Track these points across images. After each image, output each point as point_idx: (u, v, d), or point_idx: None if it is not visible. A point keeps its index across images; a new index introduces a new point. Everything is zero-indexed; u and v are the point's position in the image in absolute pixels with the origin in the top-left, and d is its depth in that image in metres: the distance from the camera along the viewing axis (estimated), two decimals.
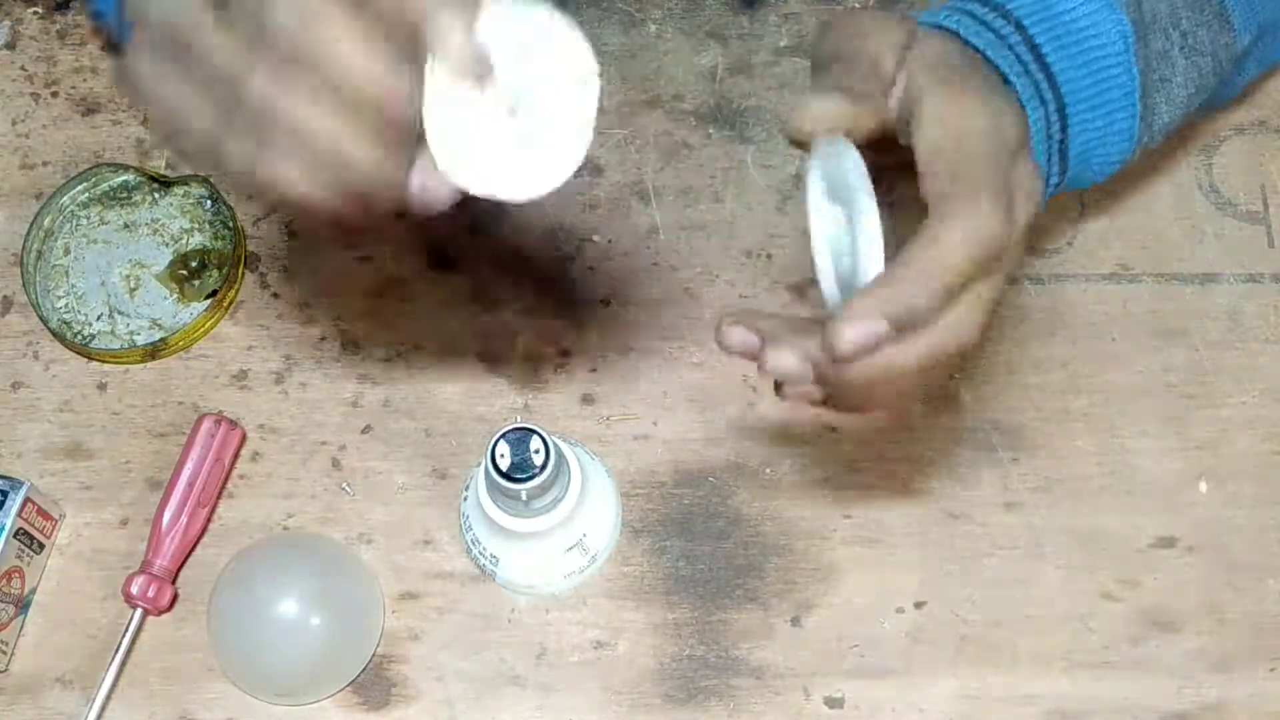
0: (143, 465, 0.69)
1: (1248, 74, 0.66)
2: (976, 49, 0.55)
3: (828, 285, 0.47)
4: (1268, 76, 0.75)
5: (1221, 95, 0.65)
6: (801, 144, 0.48)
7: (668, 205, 0.73)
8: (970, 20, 0.56)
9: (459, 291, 0.72)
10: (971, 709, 0.65)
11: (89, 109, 0.76)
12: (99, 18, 0.68)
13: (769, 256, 0.72)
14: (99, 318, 0.71)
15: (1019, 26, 0.56)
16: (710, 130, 0.75)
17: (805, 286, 0.69)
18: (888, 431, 0.69)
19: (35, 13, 0.77)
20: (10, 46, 0.77)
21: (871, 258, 0.46)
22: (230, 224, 0.72)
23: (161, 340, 0.70)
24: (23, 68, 0.77)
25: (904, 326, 0.45)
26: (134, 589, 0.65)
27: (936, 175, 0.46)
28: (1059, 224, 0.73)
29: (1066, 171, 0.58)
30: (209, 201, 0.73)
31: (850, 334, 0.45)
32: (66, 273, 0.72)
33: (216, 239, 0.72)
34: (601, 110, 0.42)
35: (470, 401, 0.70)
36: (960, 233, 0.45)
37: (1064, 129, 0.56)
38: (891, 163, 0.50)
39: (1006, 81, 0.54)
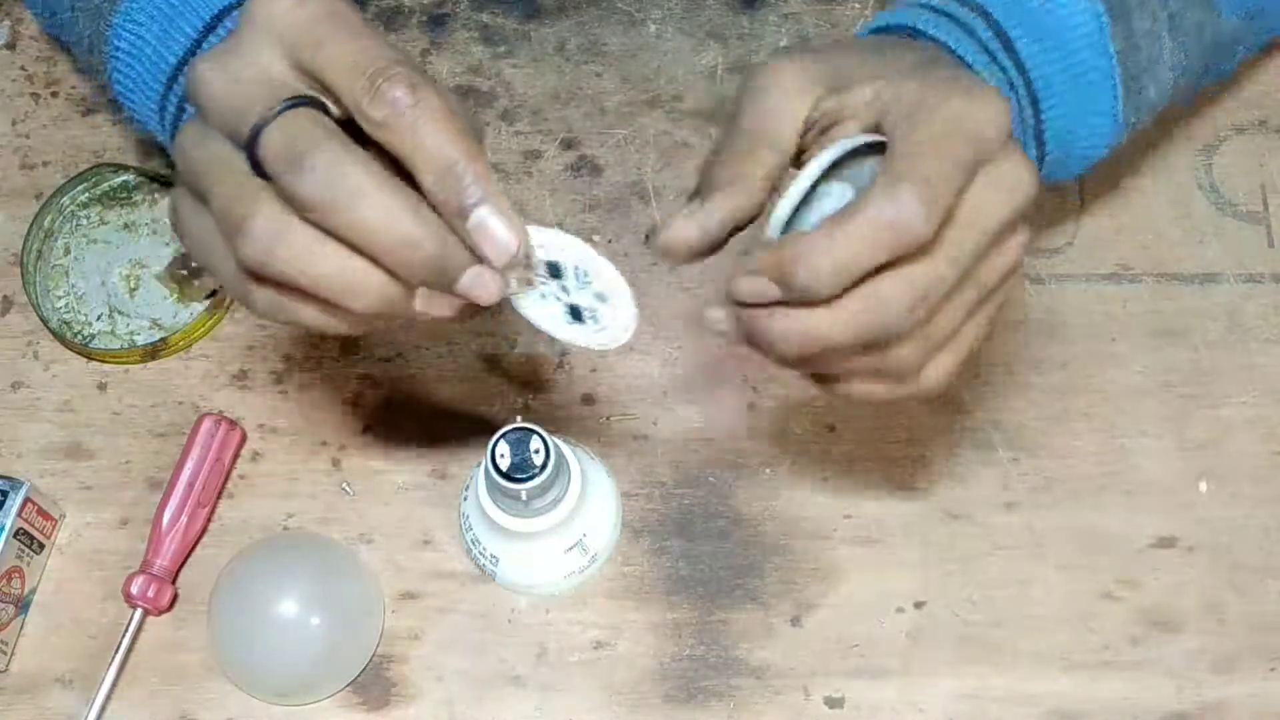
0: (143, 465, 0.69)
1: (1238, 57, 0.65)
2: (935, 40, 0.54)
3: (771, 225, 0.49)
4: (1267, 77, 0.75)
5: (1209, 79, 0.63)
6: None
7: (668, 205, 0.73)
8: (928, 13, 0.55)
9: None
10: (971, 709, 0.65)
11: (89, 109, 0.76)
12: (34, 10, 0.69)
13: None
14: (99, 318, 0.71)
15: (984, 15, 0.55)
16: (710, 130, 0.75)
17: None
18: (888, 431, 0.69)
19: None
20: (10, 46, 0.77)
21: (777, 217, 0.48)
22: None
23: (161, 340, 0.70)
24: (23, 68, 0.77)
25: (793, 294, 0.45)
26: (134, 589, 0.65)
27: (884, 160, 0.45)
28: (1059, 224, 0.73)
29: (1045, 157, 0.57)
30: None
31: (744, 285, 0.46)
32: (66, 273, 0.72)
33: None
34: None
35: (470, 401, 0.70)
36: (866, 219, 0.44)
37: (1037, 114, 0.55)
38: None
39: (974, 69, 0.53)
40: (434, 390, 0.70)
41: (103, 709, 0.65)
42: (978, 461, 0.69)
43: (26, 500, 0.65)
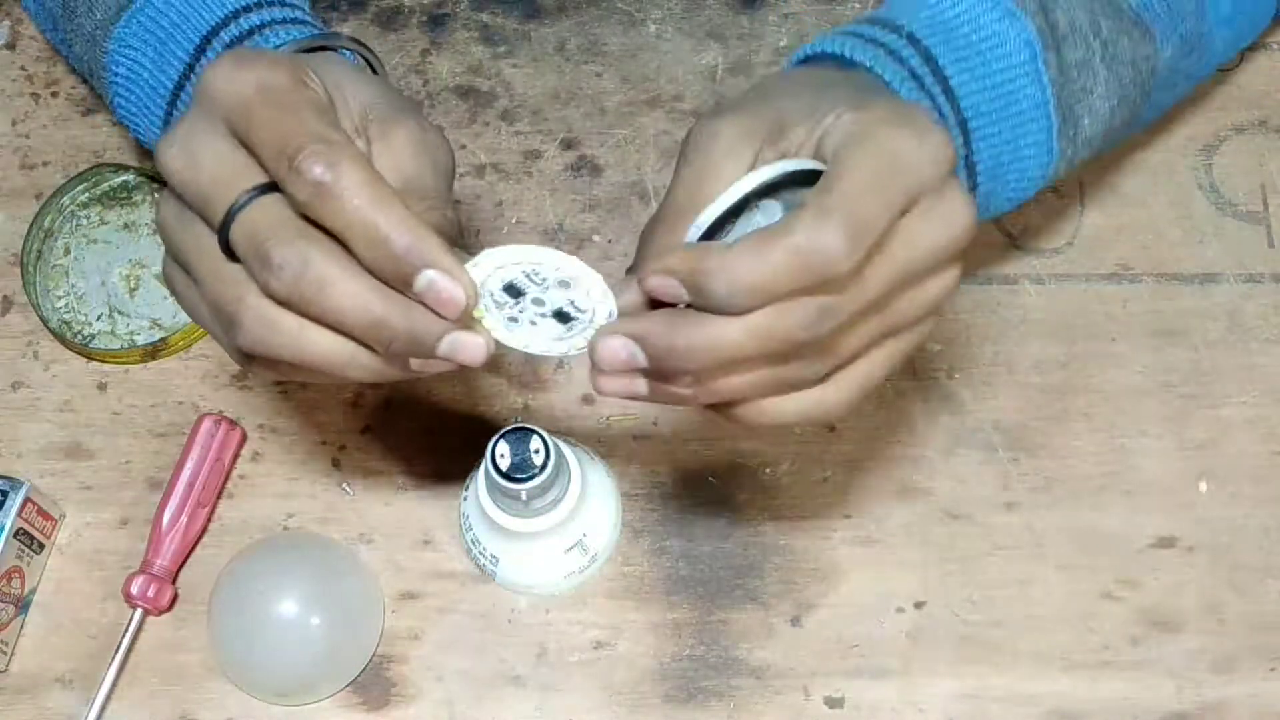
0: (143, 465, 0.69)
1: (1177, 91, 0.64)
2: (861, 64, 0.53)
3: (693, 228, 0.48)
4: (1267, 77, 0.75)
5: (1146, 114, 0.62)
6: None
7: None
8: (857, 40, 0.54)
9: None
10: (971, 709, 0.65)
11: (89, 109, 0.76)
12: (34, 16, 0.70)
13: None
14: (99, 318, 0.71)
15: (913, 41, 0.54)
16: None
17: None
18: (888, 431, 0.69)
19: None
20: (10, 46, 0.77)
21: (698, 224, 0.47)
22: None
23: (161, 340, 0.70)
24: (23, 68, 0.77)
25: (702, 301, 0.44)
26: (134, 589, 0.65)
27: (818, 186, 0.44)
28: (1059, 224, 0.73)
29: (976, 187, 0.56)
30: None
31: (654, 281, 0.45)
32: (66, 273, 0.72)
33: None
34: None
35: (470, 401, 0.70)
36: (789, 245, 0.43)
37: (967, 143, 0.54)
38: None
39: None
40: (434, 390, 0.70)
41: (103, 709, 0.65)
42: (978, 461, 0.69)
43: (26, 500, 0.65)
